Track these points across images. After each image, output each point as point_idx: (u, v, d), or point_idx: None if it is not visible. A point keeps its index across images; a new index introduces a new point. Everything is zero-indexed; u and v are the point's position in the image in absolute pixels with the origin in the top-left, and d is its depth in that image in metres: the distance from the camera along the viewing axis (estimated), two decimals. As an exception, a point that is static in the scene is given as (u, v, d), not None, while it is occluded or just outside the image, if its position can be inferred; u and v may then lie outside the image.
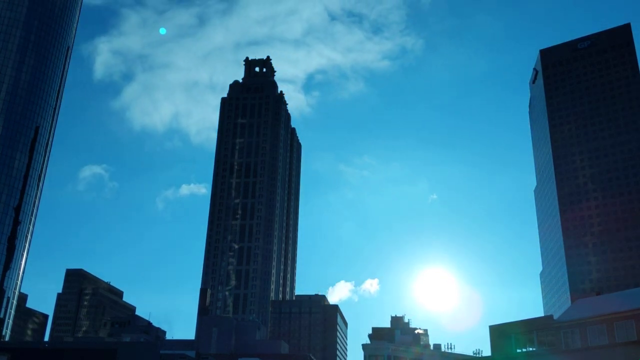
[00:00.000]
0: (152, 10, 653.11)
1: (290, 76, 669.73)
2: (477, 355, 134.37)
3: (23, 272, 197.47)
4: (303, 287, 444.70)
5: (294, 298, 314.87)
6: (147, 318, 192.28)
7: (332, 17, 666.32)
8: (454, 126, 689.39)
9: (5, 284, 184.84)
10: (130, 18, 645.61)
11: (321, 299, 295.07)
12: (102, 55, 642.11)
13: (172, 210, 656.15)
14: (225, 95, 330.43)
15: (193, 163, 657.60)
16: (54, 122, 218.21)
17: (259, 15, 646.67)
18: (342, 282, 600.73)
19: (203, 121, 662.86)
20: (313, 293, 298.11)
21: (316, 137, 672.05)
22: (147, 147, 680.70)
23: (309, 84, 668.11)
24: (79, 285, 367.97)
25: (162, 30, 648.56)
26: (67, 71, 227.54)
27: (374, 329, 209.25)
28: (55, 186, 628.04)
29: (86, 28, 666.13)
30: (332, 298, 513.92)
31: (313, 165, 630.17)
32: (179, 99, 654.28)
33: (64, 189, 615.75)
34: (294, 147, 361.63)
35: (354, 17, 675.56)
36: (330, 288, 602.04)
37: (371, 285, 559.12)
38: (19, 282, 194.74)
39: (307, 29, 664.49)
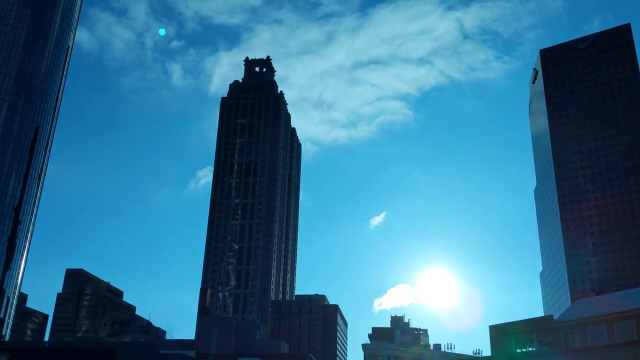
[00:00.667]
0: (287, 27, 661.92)
1: (403, 94, 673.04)
2: (477, 355, 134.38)
3: (23, 272, 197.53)
4: (303, 287, 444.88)
5: (294, 298, 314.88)
6: (147, 318, 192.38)
7: (465, 36, 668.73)
8: (455, 127, 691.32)
9: (5, 284, 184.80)
10: (262, 34, 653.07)
11: (321, 299, 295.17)
12: (222, 68, 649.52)
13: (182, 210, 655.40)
14: (226, 95, 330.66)
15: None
16: (54, 122, 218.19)
17: (387, 35, 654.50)
18: (406, 285, 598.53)
19: (301, 133, 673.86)
20: (313, 293, 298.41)
21: (407, 148, 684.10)
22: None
23: (421, 100, 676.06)
24: (79, 285, 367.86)
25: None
26: (67, 71, 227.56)
27: (374, 329, 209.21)
28: (172, 188, 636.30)
29: (215, 43, 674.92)
30: (387, 304, 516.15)
31: (392, 173, 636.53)
32: None
33: (183, 190, 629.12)
34: (294, 147, 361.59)
35: (487, 36, 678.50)
36: (391, 289, 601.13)
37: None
38: (19, 282, 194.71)
39: (436, 48, 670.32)
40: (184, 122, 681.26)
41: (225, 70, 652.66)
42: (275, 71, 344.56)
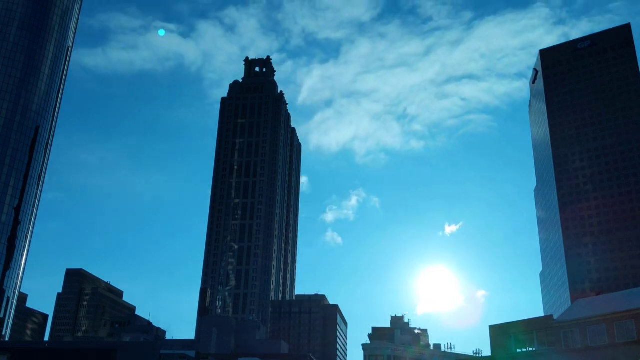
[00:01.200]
0: (388, 41, 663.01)
1: (492, 107, 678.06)
2: (477, 355, 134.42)
3: (23, 272, 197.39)
4: (303, 287, 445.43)
5: (294, 298, 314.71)
6: (147, 318, 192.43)
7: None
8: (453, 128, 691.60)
9: (5, 284, 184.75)
10: (361, 47, 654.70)
11: (321, 298, 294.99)
12: (312, 79, 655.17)
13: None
14: (226, 96, 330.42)
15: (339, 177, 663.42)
16: (54, 122, 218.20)
17: (487, 49, 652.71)
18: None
19: (376, 145, 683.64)
20: (313, 293, 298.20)
21: (477, 160, 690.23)
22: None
23: (510, 115, 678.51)
24: (79, 285, 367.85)
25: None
26: (67, 71, 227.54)
27: (374, 329, 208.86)
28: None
29: (313, 56, 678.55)
30: (431, 307, 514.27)
31: (455, 183, 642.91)
32: (362, 125, 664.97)
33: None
34: (294, 147, 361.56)
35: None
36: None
37: (482, 297, 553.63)
38: (19, 282, 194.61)
39: (536, 63, 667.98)
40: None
41: (314, 82, 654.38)
42: (275, 71, 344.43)
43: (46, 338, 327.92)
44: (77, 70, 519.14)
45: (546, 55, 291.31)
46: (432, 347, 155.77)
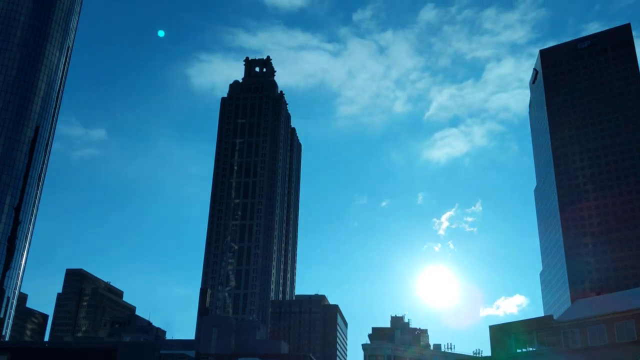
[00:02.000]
0: (529, 63, 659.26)
1: None
2: (477, 355, 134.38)
3: (23, 272, 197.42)
4: (303, 287, 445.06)
5: (294, 298, 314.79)
6: (147, 318, 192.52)
7: None
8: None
9: (5, 284, 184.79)
10: (505, 66, 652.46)
11: (321, 298, 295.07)
12: (442, 96, 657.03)
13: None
14: (225, 95, 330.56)
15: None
16: (54, 122, 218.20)
17: None
18: (518, 296, 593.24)
19: (487, 162, 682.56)
20: (313, 293, 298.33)
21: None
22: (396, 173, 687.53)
23: None
24: (79, 285, 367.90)
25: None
26: (67, 71, 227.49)
27: (374, 329, 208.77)
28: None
29: (451, 76, 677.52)
30: (495, 311, 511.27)
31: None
32: (479, 143, 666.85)
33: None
34: (294, 147, 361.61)
35: None
36: (504, 298, 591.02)
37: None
38: (19, 282, 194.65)
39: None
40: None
41: (444, 99, 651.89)
42: (275, 71, 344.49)
43: (46, 338, 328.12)
44: (222, 82, 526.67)
45: (546, 55, 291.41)
46: (432, 347, 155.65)
